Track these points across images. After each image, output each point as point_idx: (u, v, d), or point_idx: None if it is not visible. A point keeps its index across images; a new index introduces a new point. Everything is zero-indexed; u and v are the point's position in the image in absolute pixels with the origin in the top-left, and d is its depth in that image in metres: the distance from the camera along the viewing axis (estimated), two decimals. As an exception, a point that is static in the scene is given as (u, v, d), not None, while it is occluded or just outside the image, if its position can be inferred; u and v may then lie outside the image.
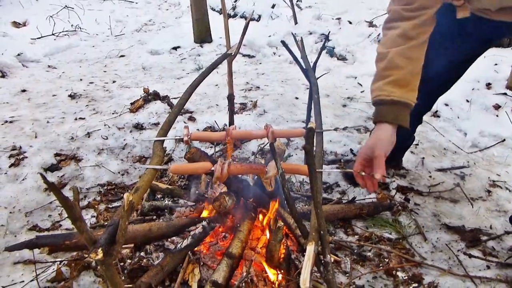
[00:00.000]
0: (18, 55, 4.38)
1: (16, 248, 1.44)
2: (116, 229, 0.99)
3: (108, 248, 0.97)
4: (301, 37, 2.55)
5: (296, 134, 1.62)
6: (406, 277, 1.66)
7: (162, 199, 2.06)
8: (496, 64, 4.14)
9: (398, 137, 2.30)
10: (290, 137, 2.34)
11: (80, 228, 0.95)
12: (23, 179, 2.29)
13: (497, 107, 3.40)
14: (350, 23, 5.31)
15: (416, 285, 1.63)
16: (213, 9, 6.75)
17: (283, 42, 2.20)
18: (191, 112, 3.08)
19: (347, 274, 1.65)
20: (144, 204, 1.96)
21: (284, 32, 5.05)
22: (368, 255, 1.77)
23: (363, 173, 1.40)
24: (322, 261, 1.08)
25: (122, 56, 4.59)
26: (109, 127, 2.86)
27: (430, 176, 2.44)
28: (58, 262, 1.67)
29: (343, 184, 2.29)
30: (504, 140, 2.89)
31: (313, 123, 1.04)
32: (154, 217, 1.93)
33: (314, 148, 1.43)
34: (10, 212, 2.02)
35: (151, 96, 3.17)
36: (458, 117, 3.16)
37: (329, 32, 4.74)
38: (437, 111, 3.20)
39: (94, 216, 1.99)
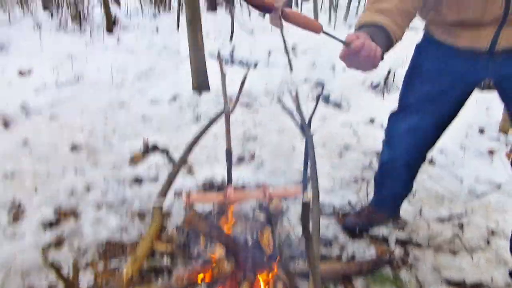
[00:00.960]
0: (22, 105, 4.47)
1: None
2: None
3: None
4: (296, 91, 2.63)
5: (292, 194, 1.65)
6: (408, 339, 1.64)
7: (161, 257, 2.05)
8: (487, 109, 4.24)
9: (398, 188, 2.34)
10: (287, 196, 2.36)
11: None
12: (22, 236, 2.30)
13: (491, 152, 3.45)
14: (345, 70, 5.47)
15: None
16: (211, 55, 6.94)
17: (279, 99, 2.27)
18: (190, 165, 3.12)
19: (348, 337, 1.63)
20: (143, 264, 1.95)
21: (281, 79, 5.19)
22: (369, 315, 1.75)
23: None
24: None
25: (122, 105, 4.68)
26: (108, 181, 2.89)
27: (429, 227, 2.45)
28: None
29: (342, 237, 2.29)
30: (500, 186, 2.92)
31: (307, 195, 1.07)
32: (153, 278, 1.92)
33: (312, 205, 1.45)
34: (7, 272, 2.01)
35: (150, 149, 3.22)
36: (453, 164, 3.20)
37: (324, 85, 4.88)
38: (432, 159, 3.25)
39: (92, 275, 1.99)
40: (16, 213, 2.52)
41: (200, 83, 4.77)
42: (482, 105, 4.26)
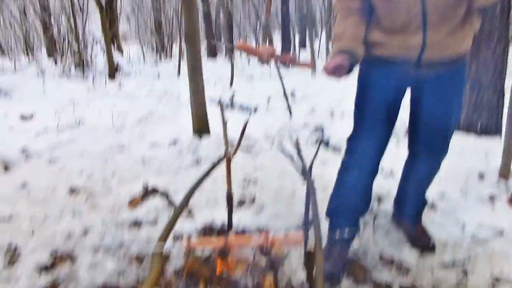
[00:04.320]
0: (22, 149, 4.49)
1: None
2: None
3: None
4: (297, 136, 2.67)
5: (293, 241, 1.63)
6: None
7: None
8: (486, 154, 4.28)
9: (357, 200, 2.55)
10: (288, 243, 2.32)
11: None
12: (17, 280, 2.24)
13: (492, 198, 3.45)
14: (343, 114, 5.56)
15: None
16: (212, 101, 7.07)
17: (280, 145, 2.30)
18: (189, 209, 3.10)
19: None
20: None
21: (280, 124, 5.26)
22: None
23: None
24: None
25: (122, 149, 4.71)
26: (106, 225, 2.86)
27: (432, 273, 2.40)
28: None
29: (345, 283, 2.24)
30: (503, 232, 2.88)
31: (311, 242, 1.07)
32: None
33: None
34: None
35: (150, 192, 3.21)
36: (455, 210, 3.18)
37: (323, 130, 4.95)
38: (433, 204, 3.23)
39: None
40: (12, 256, 2.47)
41: (201, 127, 4.83)
42: (481, 151, 4.30)
